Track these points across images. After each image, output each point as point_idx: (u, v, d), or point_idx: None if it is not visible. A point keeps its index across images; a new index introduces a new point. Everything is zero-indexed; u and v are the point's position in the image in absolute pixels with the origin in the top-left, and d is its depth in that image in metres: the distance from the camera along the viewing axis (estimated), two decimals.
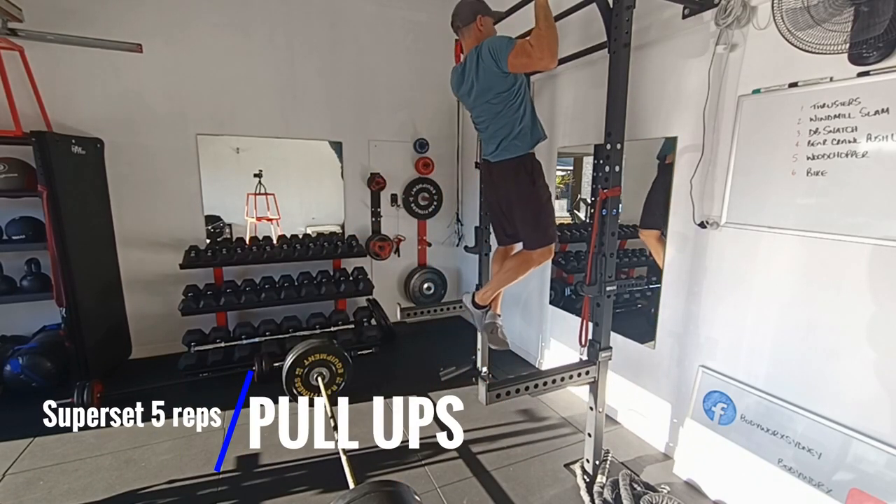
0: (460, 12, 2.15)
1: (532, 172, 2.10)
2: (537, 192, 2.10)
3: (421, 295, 4.40)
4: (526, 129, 2.08)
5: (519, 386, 1.86)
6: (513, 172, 2.11)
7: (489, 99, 2.06)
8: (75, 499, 1.98)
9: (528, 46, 1.85)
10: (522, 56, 1.87)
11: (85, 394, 2.59)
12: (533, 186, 2.10)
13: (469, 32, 2.14)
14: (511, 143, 2.09)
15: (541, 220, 2.11)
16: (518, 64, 1.90)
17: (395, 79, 4.04)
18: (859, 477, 1.56)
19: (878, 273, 1.53)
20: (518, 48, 1.88)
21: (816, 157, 1.65)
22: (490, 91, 2.03)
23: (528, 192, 2.10)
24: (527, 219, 2.13)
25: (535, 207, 2.11)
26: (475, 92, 2.10)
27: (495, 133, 2.13)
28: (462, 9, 2.14)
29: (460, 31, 2.19)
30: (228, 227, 3.81)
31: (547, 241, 2.11)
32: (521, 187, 2.11)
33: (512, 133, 2.07)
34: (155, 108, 3.32)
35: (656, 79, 2.26)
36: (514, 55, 1.88)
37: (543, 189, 2.13)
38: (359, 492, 1.40)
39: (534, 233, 2.11)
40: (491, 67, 1.97)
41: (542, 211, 2.11)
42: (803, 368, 1.75)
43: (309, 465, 2.23)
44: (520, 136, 2.08)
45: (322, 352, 2.75)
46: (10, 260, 3.07)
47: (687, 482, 2.11)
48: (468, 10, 2.12)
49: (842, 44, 1.50)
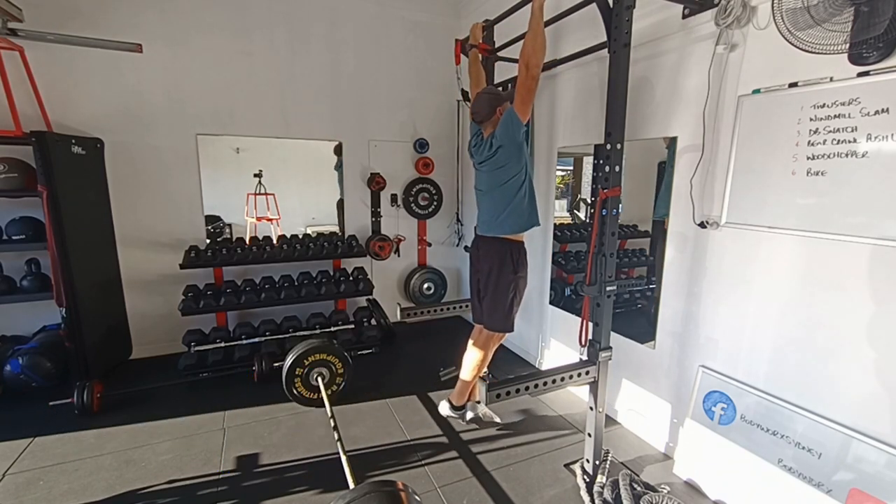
0: (481, 110, 2.25)
1: (517, 262, 2.24)
2: (516, 283, 2.25)
3: (421, 295, 4.40)
4: (523, 210, 2.21)
5: (519, 386, 1.86)
6: (498, 255, 2.23)
7: (499, 168, 2.18)
8: (75, 499, 1.98)
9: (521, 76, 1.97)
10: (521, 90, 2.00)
11: (85, 394, 2.59)
12: (514, 276, 2.23)
13: (491, 123, 2.24)
14: (505, 221, 2.21)
15: (511, 308, 2.26)
16: (523, 99, 2.01)
17: (395, 79, 4.04)
18: (859, 477, 1.56)
19: (878, 273, 1.53)
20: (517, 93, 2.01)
21: (816, 157, 1.65)
22: (500, 164, 2.16)
23: (508, 280, 2.23)
24: (498, 303, 2.26)
25: (511, 296, 2.24)
26: (488, 163, 2.22)
27: (492, 206, 2.25)
28: (482, 107, 2.25)
29: (483, 123, 2.29)
30: (228, 227, 3.82)
31: (509, 327, 2.30)
32: (502, 272, 2.23)
33: (507, 210, 2.20)
34: (155, 108, 3.32)
35: (656, 79, 2.26)
36: (519, 104, 2.01)
37: (522, 281, 2.27)
38: (359, 492, 1.41)
39: (502, 319, 2.27)
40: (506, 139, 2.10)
41: (514, 301, 2.26)
42: (803, 368, 1.75)
43: (309, 465, 2.23)
44: (514, 214, 2.20)
45: (322, 352, 2.76)
46: (10, 260, 3.07)
47: (687, 482, 2.11)
48: (487, 106, 2.23)
49: (842, 44, 1.50)
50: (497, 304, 2.25)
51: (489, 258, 2.27)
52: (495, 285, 2.24)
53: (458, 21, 4.03)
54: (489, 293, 2.28)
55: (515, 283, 2.23)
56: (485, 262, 2.29)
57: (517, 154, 2.13)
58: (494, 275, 2.24)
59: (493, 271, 2.24)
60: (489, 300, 2.28)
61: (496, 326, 2.29)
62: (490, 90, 2.34)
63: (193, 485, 2.08)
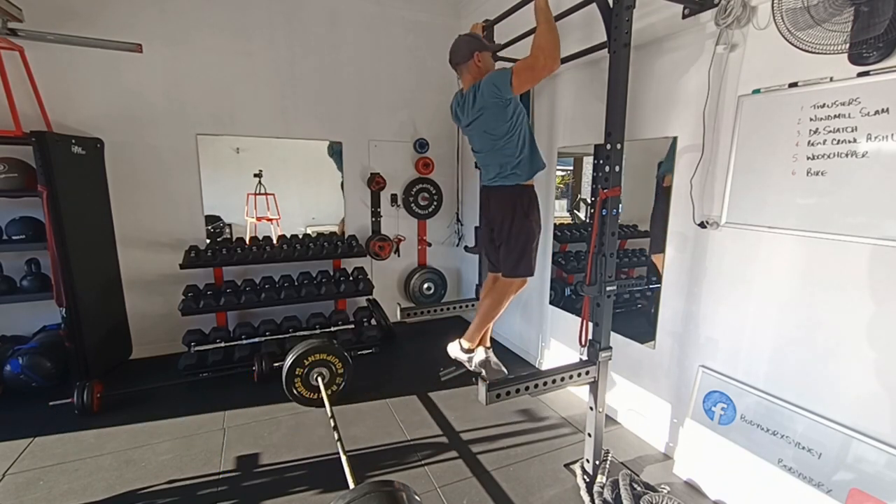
0: (457, 50, 2.18)
1: (528, 205, 2.17)
2: (530, 226, 2.18)
3: (421, 295, 4.40)
4: (525, 160, 2.13)
5: (519, 386, 1.86)
6: (510, 203, 2.17)
7: (488, 130, 2.11)
8: (75, 499, 1.98)
9: (530, 59, 1.88)
10: (525, 71, 1.91)
11: (85, 394, 2.59)
12: (526, 220, 2.17)
13: (467, 69, 2.18)
14: (511, 173, 2.15)
15: (526, 253, 2.19)
16: (523, 80, 1.93)
17: (395, 79, 4.04)
18: (859, 477, 1.56)
19: (878, 273, 1.53)
20: (518, 67, 1.92)
21: (816, 157, 1.65)
22: (488, 124, 2.08)
23: (520, 225, 2.17)
24: (513, 249, 2.19)
25: (524, 240, 2.18)
26: (474, 125, 2.15)
27: (493, 163, 2.19)
28: (459, 47, 2.17)
29: (458, 68, 2.22)
30: (228, 227, 3.81)
31: (527, 272, 2.22)
32: (515, 219, 2.17)
33: (510, 163, 2.13)
34: (155, 108, 3.32)
35: (656, 79, 2.26)
36: (516, 76, 1.92)
37: (536, 224, 2.21)
38: (359, 492, 1.41)
39: (517, 264, 2.20)
40: (490, 100, 2.01)
41: (528, 245, 2.19)
42: (803, 368, 1.75)
43: (309, 465, 2.23)
44: (519, 167, 2.13)
45: (322, 352, 2.76)
46: (10, 260, 3.07)
47: (687, 482, 2.11)
48: (465, 48, 2.15)
49: (842, 44, 1.50)
50: (512, 251, 2.19)
51: (500, 207, 2.21)
52: (508, 232, 2.18)
53: (458, 21, 4.03)
54: (504, 241, 2.22)
55: (529, 228, 2.17)
56: (496, 211, 2.24)
57: (503, 112, 2.02)
58: (507, 222, 2.18)
59: (505, 219, 2.19)
60: (505, 248, 2.22)
61: (514, 273, 2.21)
62: (471, 33, 2.26)
63: (193, 485, 2.08)
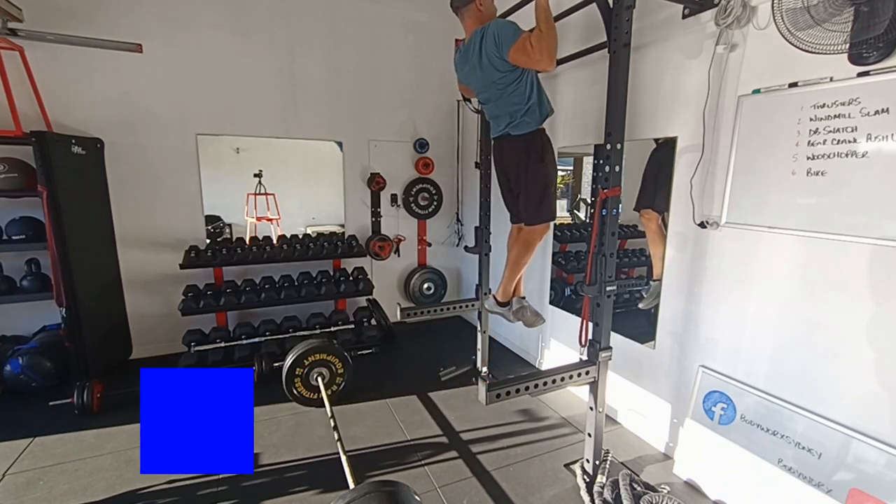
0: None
1: (542, 149, 2.13)
2: (545, 169, 2.14)
3: (421, 295, 4.40)
4: (534, 106, 2.09)
5: (519, 386, 1.86)
6: (524, 149, 2.13)
7: (494, 80, 2.08)
8: (75, 499, 1.98)
9: (529, 46, 1.88)
10: (522, 54, 1.91)
11: (85, 394, 2.59)
12: (542, 163, 2.13)
13: (469, 13, 2.15)
14: (521, 121, 2.11)
15: (545, 197, 2.15)
16: (517, 59, 1.93)
17: (395, 79, 4.04)
18: (859, 477, 1.56)
19: (878, 273, 1.53)
20: (520, 44, 1.91)
21: (816, 157, 1.65)
22: (493, 73, 2.05)
23: (536, 169, 2.13)
24: (532, 195, 2.16)
25: (543, 184, 2.14)
26: (478, 73, 2.12)
27: (502, 113, 2.15)
28: None
29: (459, 11, 2.19)
30: (228, 227, 3.82)
31: (549, 217, 2.18)
32: (530, 164, 2.13)
33: (520, 111, 2.09)
34: (155, 109, 3.32)
35: (656, 79, 2.26)
36: (515, 49, 1.91)
37: (551, 166, 2.17)
38: (359, 492, 1.41)
39: (538, 210, 2.16)
40: (493, 52, 1.99)
41: (547, 188, 2.15)
42: (803, 368, 1.75)
43: (309, 465, 2.23)
44: (528, 114, 2.09)
45: (322, 352, 2.76)
46: (10, 260, 3.07)
47: (687, 482, 2.11)
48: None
49: (842, 44, 1.50)
50: (532, 198, 2.16)
51: (513, 154, 2.18)
52: (525, 178, 2.16)
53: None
54: (522, 189, 2.19)
55: (545, 171, 2.14)
56: (510, 158, 2.21)
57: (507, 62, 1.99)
58: (523, 168, 2.15)
59: (520, 166, 2.16)
60: (524, 196, 2.19)
61: (536, 219, 2.17)
62: None
63: (193, 485, 2.08)
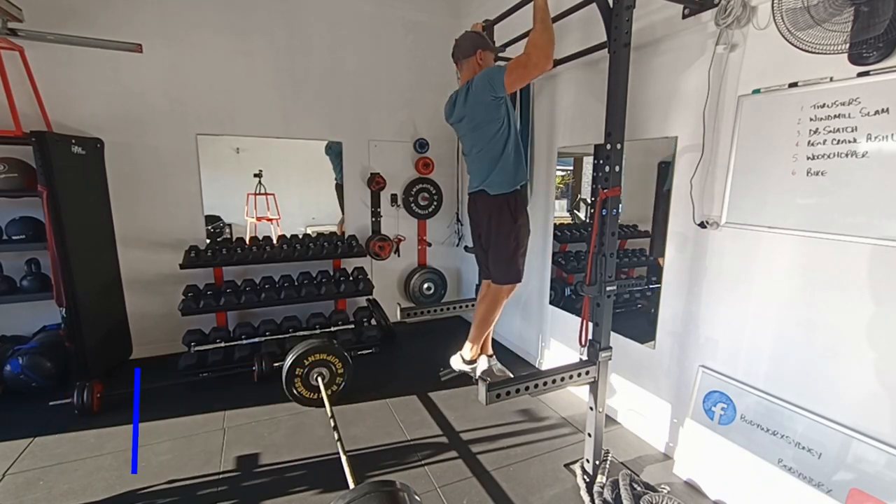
0: (461, 45, 2.20)
1: (515, 209, 2.17)
2: (518, 231, 2.18)
3: (421, 295, 4.40)
4: (510, 169, 2.14)
5: (519, 386, 1.86)
6: (497, 207, 2.17)
7: (477, 126, 2.11)
8: (75, 499, 1.98)
9: (523, 57, 1.90)
10: (518, 68, 1.91)
11: (85, 394, 2.59)
12: (514, 224, 2.16)
13: (468, 65, 2.19)
14: (494, 180, 2.15)
15: (515, 258, 2.19)
16: (516, 77, 1.94)
17: (395, 79, 4.04)
18: (859, 477, 1.56)
19: (878, 273, 1.53)
20: (511, 65, 1.93)
21: (816, 157, 1.65)
22: (478, 121, 2.09)
23: (508, 229, 2.17)
24: (502, 255, 2.19)
25: (514, 245, 2.18)
26: (465, 122, 2.16)
27: (481, 167, 2.19)
28: (463, 42, 2.20)
29: (460, 63, 2.23)
30: (228, 227, 3.81)
31: (517, 278, 2.22)
32: (502, 223, 2.17)
33: (495, 169, 2.13)
34: (155, 108, 3.32)
35: (656, 79, 2.26)
36: (508, 73, 1.93)
37: (524, 227, 2.20)
38: (359, 492, 1.41)
39: (507, 270, 2.20)
40: (480, 96, 2.02)
41: (518, 249, 2.19)
42: (803, 368, 1.75)
43: (309, 465, 2.23)
44: (503, 174, 2.13)
45: (322, 352, 2.76)
46: (10, 260, 3.07)
47: (687, 482, 2.11)
48: (469, 43, 2.17)
49: (842, 44, 1.50)
50: (500, 255, 2.19)
51: (486, 211, 2.20)
52: (496, 237, 2.18)
53: (458, 21, 4.02)
54: (491, 246, 2.22)
55: (516, 232, 2.16)
56: (482, 214, 2.23)
57: (495, 110, 2.03)
58: (494, 226, 2.18)
59: (491, 222, 2.18)
60: (493, 254, 2.22)
61: (502, 279, 2.20)
62: (477, 31, 2.27)
63: (193, 485, 2.08)
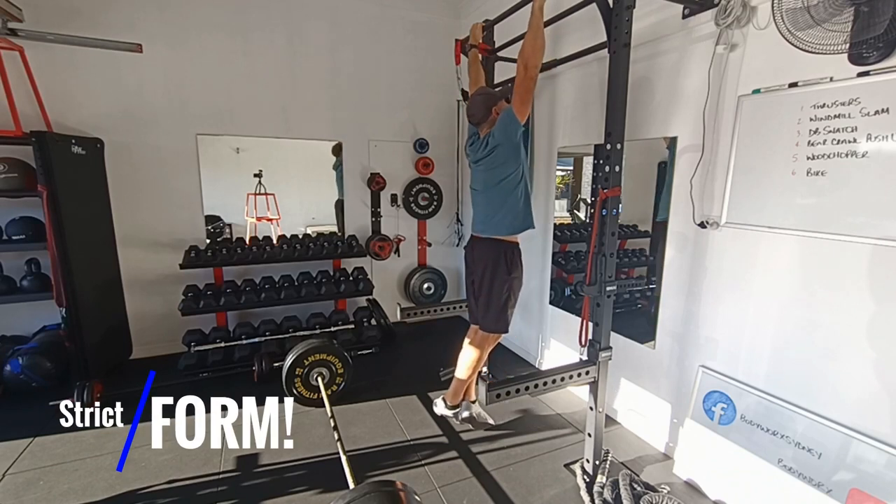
0: (476, 112, 2.23)
1: (512, 262, 2.22)
2: (511, 284, 2.23)
3: (421, 295, 4.40)
4: (518, 212, 2.19)
5: (519, 386, 1.86)
6: (495, 257, 2.22)
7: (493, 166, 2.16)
8: (75, 499, 1.98)
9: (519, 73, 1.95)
10: (519, 88, 1.97)
11: (85, 394, 2.59)
12: (509, 276, 2.22)
13: (488, 124, 2.23)
14: (501, 221, 2.20)
15: (506, 309, 2.25)
16: (519, 101, 1.99)
17: (395, 79, 4.04)
18: (859, 477, 1.56)
19: (878, 273, 1.53)
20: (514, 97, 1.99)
21: (816, 157, 1.65)
22: (496, 162, 2.15)
23: (502, 280, 2.22)
24: (494, 304, 2.25)
25: (506, 296, 2.23)
26: (483, 162, 2.21)
27: (487, 204, 2.24)
28: (477, 108, 2.23)
29: (479, 125, 2.27)
30: (228, 227, 3.82)
31: (503, 328, 2.28)
32: (498, 273, 2.21)
33: (502, 210, 2.18)
34: (155, 108, 3.32)
35: (656, 78, 2.26)
36: (516, 102, 1.99)
37: (517, 281, 2.26)
38: (359, 492, 1.41)
39: (496, 320, 2.26)
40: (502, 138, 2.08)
41: (509, 301, 2.24)
42: (803, 368, 1.75)
43: (309, 465, 2.23)
44: (510, 215, 2.18)
45: (322, 352, 2.76)
46: (10, 260, 3.06)
47: (687, 482, 2.11)
48: (483, 107, 2.21)
49: (842, 44, 1.50)
50: (491, 305, 2.25)
51: (483, 259, 2.26)
52: (490, 286, 2.23)
53: (458, 21, 4.03)
54: (483, 294, 2.27)
55: (510, 284, 2.22)
56: (479, 264, 2.29)
57: (514, 154, 2.12)
58: (489, 276, 2.23)
59: (486, 272, 2.24)
60: (484, 301, 2.28)
61: (491, 327, 2.28)
62: (483, 90, 2.32)
63: (193, 485, 2.08)
